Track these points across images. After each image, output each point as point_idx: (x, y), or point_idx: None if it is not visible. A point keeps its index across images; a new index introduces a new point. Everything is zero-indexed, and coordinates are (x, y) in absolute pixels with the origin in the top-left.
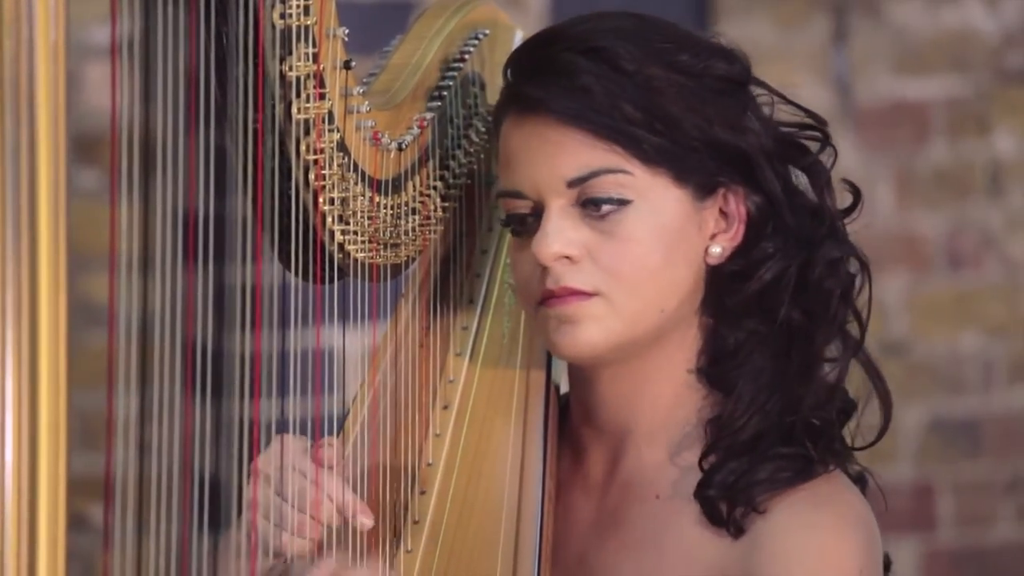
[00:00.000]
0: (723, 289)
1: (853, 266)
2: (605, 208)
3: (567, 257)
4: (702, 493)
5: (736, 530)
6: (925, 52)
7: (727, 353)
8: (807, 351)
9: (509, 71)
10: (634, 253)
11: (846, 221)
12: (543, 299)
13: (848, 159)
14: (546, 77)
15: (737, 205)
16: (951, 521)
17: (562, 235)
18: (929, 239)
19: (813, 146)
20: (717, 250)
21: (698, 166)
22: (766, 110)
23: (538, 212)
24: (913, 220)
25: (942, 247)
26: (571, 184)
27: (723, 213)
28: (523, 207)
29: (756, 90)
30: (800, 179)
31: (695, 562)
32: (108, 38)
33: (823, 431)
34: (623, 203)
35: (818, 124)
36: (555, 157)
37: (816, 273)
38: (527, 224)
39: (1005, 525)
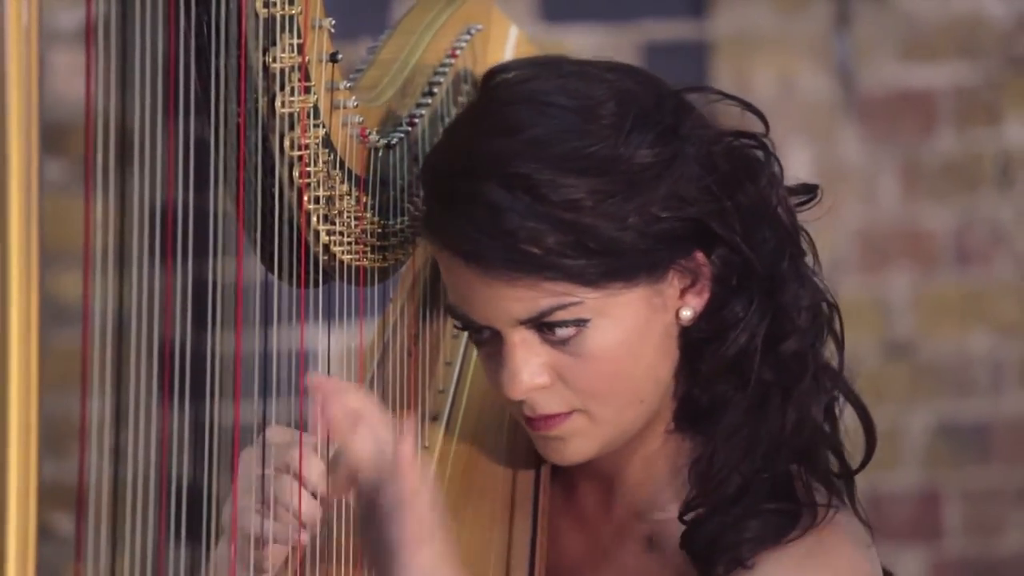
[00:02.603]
0: (695, 354)
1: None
2: (562, 333)
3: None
4: (688, 546)
5: None
6: (932, 37)
7: (702, 412)
8: (784, 405)
9: (427, 186)
10: (603, 369)
11: (804, 209)
12: (524, 419)
13: (851, 151)
14: (469, 217)
15: (697, 264)
16: (959, 530)
17: (528, 367)
18: (936, 234)
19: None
20: (688, 314)
21: (647, 263)
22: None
23: (492, 328)
24: (919, 214)
25: (950, 242)
26: (523, 322)
27: (686, 271)
28: (475, 325)
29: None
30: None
31: None
32: (75, 22)
33: (817, 466)
34: (580, 324)
35: (755, 134)
36: (502, 301)
37: (785, 329)
38: (483, 335)
39: (1016, 534)
